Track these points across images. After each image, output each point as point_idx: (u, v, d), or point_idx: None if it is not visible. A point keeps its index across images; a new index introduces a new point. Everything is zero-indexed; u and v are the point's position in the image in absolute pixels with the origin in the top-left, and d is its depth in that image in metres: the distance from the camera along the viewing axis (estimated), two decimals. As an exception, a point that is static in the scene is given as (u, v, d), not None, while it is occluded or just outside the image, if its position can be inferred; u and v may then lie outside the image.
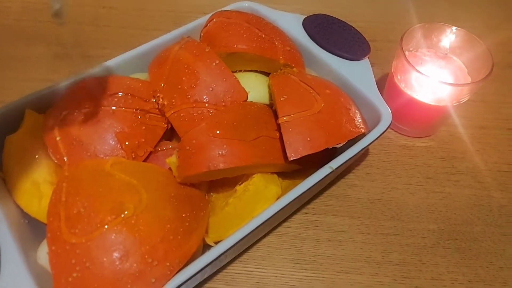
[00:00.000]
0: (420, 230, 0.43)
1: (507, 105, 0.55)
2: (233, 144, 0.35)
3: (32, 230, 0.36)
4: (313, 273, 0.40)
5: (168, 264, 0.30)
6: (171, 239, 0.31)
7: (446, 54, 0.49)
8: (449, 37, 0.48)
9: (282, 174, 0.40)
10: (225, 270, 0.40)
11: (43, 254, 0.34)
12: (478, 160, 0.49)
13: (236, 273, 0.40)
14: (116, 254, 0.29)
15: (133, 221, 0.30)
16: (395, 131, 0.52)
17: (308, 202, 0.45)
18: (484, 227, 0.44)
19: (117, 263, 0.29)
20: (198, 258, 0.32)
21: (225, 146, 0.35)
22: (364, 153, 0.49)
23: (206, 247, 0.36)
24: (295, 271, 0.40)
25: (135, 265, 0.29)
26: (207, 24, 0.46)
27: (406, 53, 0.45)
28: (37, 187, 0.36)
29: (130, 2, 0.67)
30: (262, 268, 0.40)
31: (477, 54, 0.46)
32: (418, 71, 0.43)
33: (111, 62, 0.45)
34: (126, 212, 0.31)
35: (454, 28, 0.47)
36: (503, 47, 0.63)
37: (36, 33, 0.61)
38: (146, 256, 0.30)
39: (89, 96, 0.38)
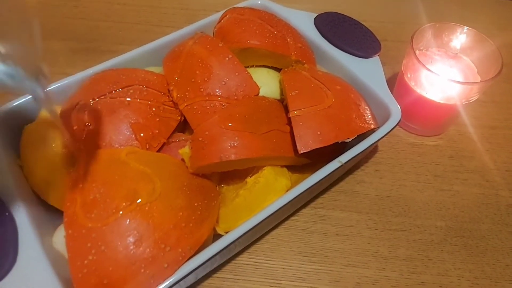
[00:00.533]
0: (427, 226, 0.44)
1: (516, 106, 0.56)
2: (244, 136, 0.36)
3: (48, 216, 0.37)
4: (321, 265, 0.41)
5: (180, 250, 0.31)
6: (183, 226, 0.32)
7: (456, 53, 0.49)
8: (459, 36, 0.48)
9: (291, 168, 0.41)
10: (234, 261, 0.41)
11: (59, 239, 0.35)
12: (487, 159, 0.50)
13: (244, 264, 0.41)
14: (130, 239, 0.30)
15: (147, 208, 0.31)
16: (404, 129, 0.52)
17: (317, 196, 0.46)
18: (491, 225, 0.44)
19: (131, 247, 0.30)
20: (208, 246, 0.33)
21: (236, 138, 0.36)
22: (373, 150, 0.50)
23: (216, 237, 0.37)
24: (302, 264, 0.41)
25: (148, 250, 0.30)
26: (221, 20, 0.47)
27: (417, 52, 0.46)
28: (53, 175, 0.37)
29: (143, -1, 0.69)
30: (271, 260, 0.41)
31: (487, 54, 0.46)
32: (428, 69, 0.43)
33: (126, 56, 0.46)
34: (140, 199, 0.32)
35: (464, 27, 0.48)
36: (511, 48, 0.63)
37: (53, 29, 0.62)
38: (159, 242, 0.31)
39: (105, 88, 0.39)
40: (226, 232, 0.36)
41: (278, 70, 0.46)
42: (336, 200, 0.46)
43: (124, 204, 0.31)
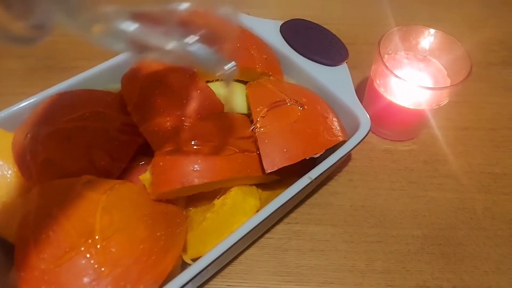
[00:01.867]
0: (404, 236, 0.43)
1: (489, 105, 0.55)
2: (207, 158, 0.34)
3: (3, 251, 0.35)
4: (297, 285, 0.40)
5: (142, 286, 0.29)
6: (145, 260, 0.30)
7: (425, 56, 0.48)
8: (428, 39, 0.48)
9: (261, 185, 0.39)
10: (206, 286, 0.39)
11: (15, 276, 0.33)
12: (461, 162, 0.49)
13: (217, 288, 0.39)
14: (86, 279, 0.28)
15: (104, 243, 0.29)
16: (377, 135, 0.51)
17: (291, 211, 0.44)
18: (468, 231, 0.43)
19: (88, 288, 0.28)
20: (176, 277, 0.31)
21: (199, 161, 0.34)
22: (346, 159, 0.49)
23: (185, 264, 0.35)
24: (278, 284, 0.40)
25: (107, 289, 0.28)
26: (182, 34, 0.45)
27: (385, 56, 0.45)
28: (7, 208, 0.35)
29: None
30: (245, 282, 0.40)
31: (456, 56, 0.46)
32: (396, 76, 0.42)
33: (85, 74, 0.44)
34: (96, 234, 0.30)
35: (432, 30, 0.47)
36: (484, 46, 0.62)
37: (9, 46, 0.59)
38: (118, 279, 0.29)
39: (59, 113, 0.37)
40: (195, 259, 0.35)
41: (244, 83, 0.44)
42: (310, 213, 0.44)
43: (79, 241, 0.29)
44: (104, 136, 0.36)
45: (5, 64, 0.57)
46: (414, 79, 0.46)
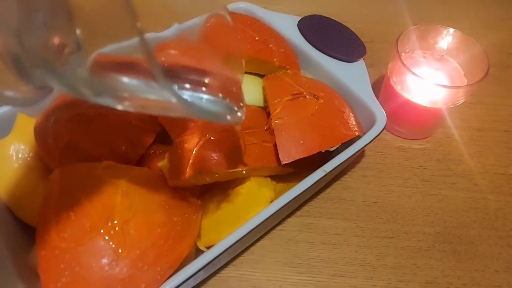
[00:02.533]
0: (415, 233, 0.43)
1: (504, 107, 0.55)
2: (225, 148, 0.35)
3: (23, 233, 0.36)
4: (307, 276, 0.40)
5: (159, 269, 0.30)
6: (162, 243, 0.31)
7: (442, 55, 0.48)
8: (445, 38, 0.48)
9: (276, 177, 0.40)
10: (218, 274, 0.40)
11: (34, 258, 0.33)
12: (475, 162, 0.49)
13: (229, 276, 0.40)
14: (105, 259, 0.29)
15: (123, 226, 0.30)
16: (391, 133, 0.52)
17: (303, 204, 0.45)
18: (480, 230, 0.44)
19: (107, 268, 0.29)
20: (190, 263, 0.32)
21: (217, 149, 0.34)
22: (359, 155, 0.49)
23: (199, 251, 0.36)
24: (289, 275, 0.40)
25: (125, 270, 0.29)
26: (202, 26, 0.46)
27: (402, 55, 0.45)
28: (28, 191, 0.36)
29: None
30: (256, 272, 0.40)
31: (473, 56, 0.46)
32: (413, 73, 0.42)
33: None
34: (116, 217, 0.30)
35: (450, 29, 0.47)
36: (500, 48, 0.62)
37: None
38: (136, 261, 0.29)
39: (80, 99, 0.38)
40: (208, 246, 0.35)
41: (261, 76, 0.44)
42: (322, 207, 0.45)
43: (99, 222, 0.30)
44: (125, 123, 0.37)
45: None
46: (431, 78, 0.46)
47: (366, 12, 0.68)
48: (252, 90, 0.42)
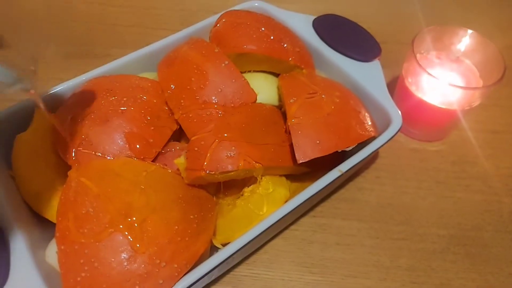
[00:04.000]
0: (429, 235, 0.43)
1: (519, 110, 0.55)
2: (241, 146, 0.35)
3: (41, 228, 0.36)
4: (321, 276, 0.40)
5: (175, 265, 0.30)
6: (179, 240, 0.31)
7: (458, 57, 0.48)
8: (461, 39, 0.47)
9: (291, 177, 0.40)
10: (232, 272, 0.40)
11: (52, 253, 0.34)
12: (490, 165, 0.49)
13: (243, 275, 0.40)
14: (124, 255, 0.29)
15: (141, 222, 0.30)
16: (406, 135, 0.51)
17: (317, 205, 0.45)
18: (494, 233, 0.43)
19: (125, 263, 0.29)
20: (205, 260, 0.32)
21: (233, 148, 0.35)
22: (374, 156, 0.49)
23: (213, 249, 0.36)
24: (302, 275, 0.40)
25: (143, 266, 0.29)
26: (217, 24, 0.46)
27: (418, 55, 0.45)
28: (46, 186, 0.36)
29: (138, 0, 0.67)
30: (269, 271, 0.40)
31: (489, 57, 0.45)
32: (429, 74, 0.42)
33: (120, 61, 0.45)
34: (134, 213, 0.31)
35: (466, 30, 0.47)
36: (515, 50, 0.62)
37: (47, 33, 0.61)
38: (154, 257, 0.30)
39: (98, 96, 0.38)
40: (224, 244, 0.35)
41: (276, 75, 0.45)
42: (336, 208, 0.45)
43: (117, 218, 0.30)
44: (141, 121, 0.37)
45: (42, 50, 0.58)
46: (446, 79, 0.46)
47: (379, 13, 0.68)
48: (267, 89, 0.42)
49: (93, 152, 0.36)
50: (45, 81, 0.53)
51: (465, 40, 0.47)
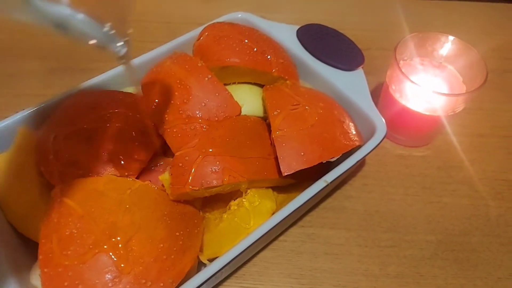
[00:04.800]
0: (417, 241, 0.43)
1: (504, 113, 0.55)
2: (225, 160, 0.35)
3: (26, 249, 0.36)
4: (310, 287, 0.40)
5: (161, 284, 0.30)
6: (165, 258, 0.31)
7: (441, 62, 0.48)
8: (443, 45, 0.48)
9: (277, 188, 0.40)
10: (220, 287, 0.40)
11: (36, 275, 0.33)
12: (476, 168, 0.49)
13: (232, 289, 0.40)
14: (108, 276, 0.29)
15: (126, 242, 0.30)
16: (391, 141, 0.52)
17: (305, 214, 0.45)
18: (482, 237, 0.44)
19: (110, 284, 0.29)
20: (192, 277, 0.32)
21: (218, 162, 0.34)
22: (360, 164, 0.49)
23: (201, 264, 0.36)
24: (292, 286, 0.40)
25: (128, 286, 0.29)
26: (200, 38, 0.46)
27: (401, 62, 0.45)
28: (30, 207, 0.36)
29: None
30: (259, 284, 0.40)
31: (472, 63, 0.46)
32: (412, 81, 0.42)
33: (104, 76, 0.45)
34: (118, 233, 0.30)
35: (448, 36, 0.47)
36: (499, 53, 0.62)
37: (30, 47, 0.61)
38: (139, 277, 0.29)
39: (81, 113, 0.38)
40: (211, 259, 0.35)
41: (261, 86, 0.45)
42: (324, 217, 0.45)
43: (102, 238, 0.30)
44: (125, 137, 0.37)
45: (24, 66, 0.58)
46: (430, 85, 0.46)
47: (363, 20, 0.68)
48: (252, 100, 0.42)
49: (77, 171, 0.35)
50: (29, 97, 0.52)
51: (447, 46, 0.48)
